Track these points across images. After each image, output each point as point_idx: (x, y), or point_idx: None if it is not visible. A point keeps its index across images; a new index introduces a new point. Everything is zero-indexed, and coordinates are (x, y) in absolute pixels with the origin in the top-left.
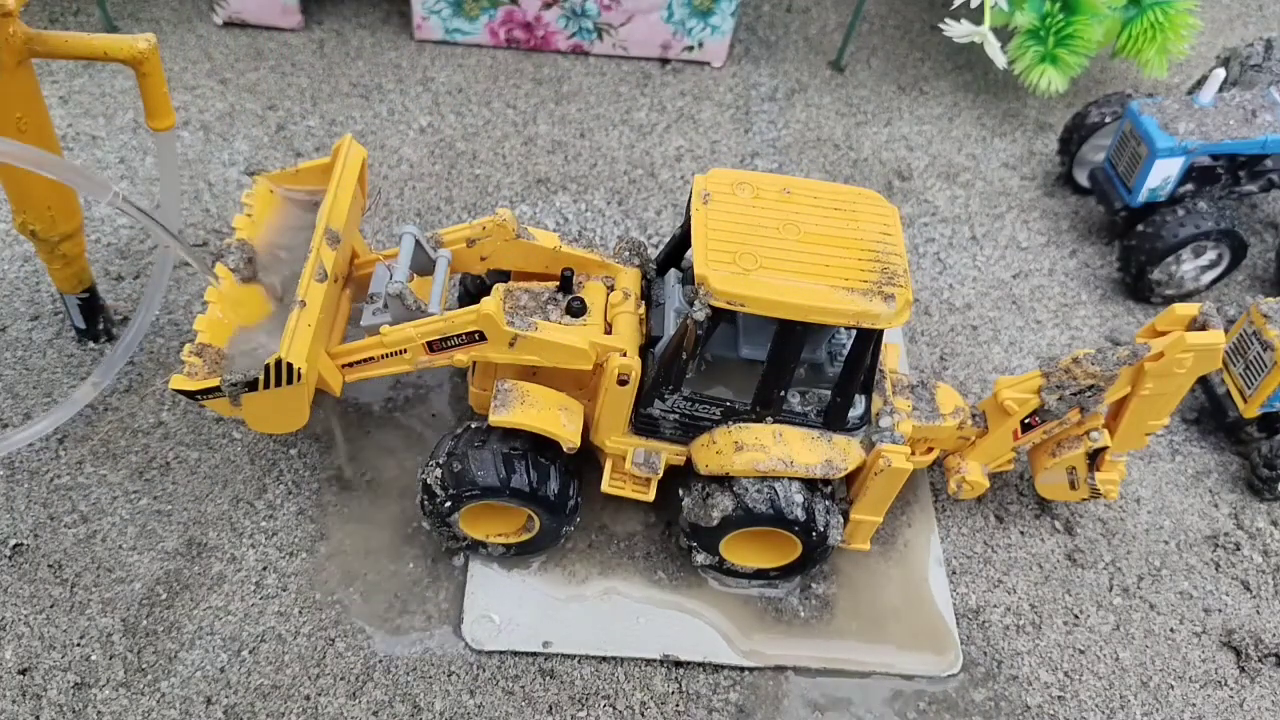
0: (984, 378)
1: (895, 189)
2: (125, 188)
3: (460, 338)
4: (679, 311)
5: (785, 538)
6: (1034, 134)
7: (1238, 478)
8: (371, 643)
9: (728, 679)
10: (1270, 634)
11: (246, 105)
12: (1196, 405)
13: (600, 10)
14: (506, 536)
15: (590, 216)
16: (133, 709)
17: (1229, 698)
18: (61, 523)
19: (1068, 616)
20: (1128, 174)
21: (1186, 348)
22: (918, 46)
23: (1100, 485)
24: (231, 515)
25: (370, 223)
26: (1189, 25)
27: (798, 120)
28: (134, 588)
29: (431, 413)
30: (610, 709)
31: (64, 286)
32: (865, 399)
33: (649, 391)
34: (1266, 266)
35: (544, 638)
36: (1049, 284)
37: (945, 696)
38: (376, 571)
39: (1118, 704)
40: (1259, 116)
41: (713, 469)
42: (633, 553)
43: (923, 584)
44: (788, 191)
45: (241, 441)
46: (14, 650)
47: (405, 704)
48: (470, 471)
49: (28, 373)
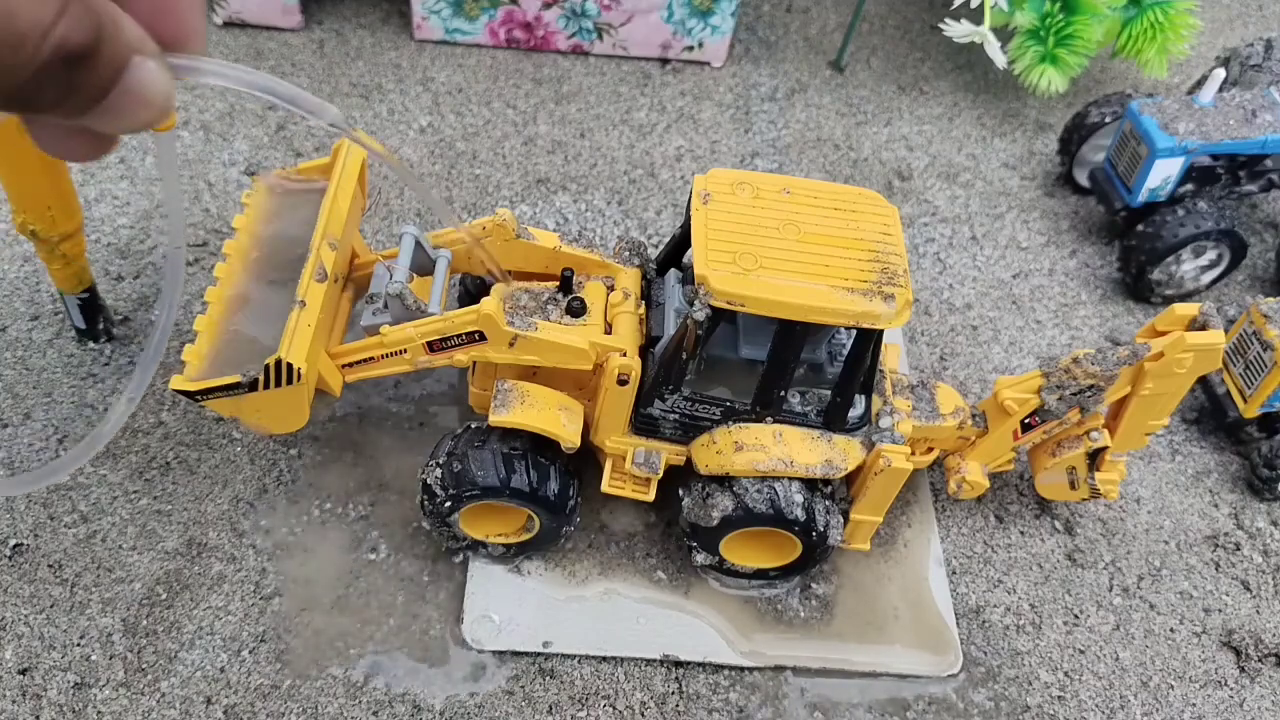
0: (984, 378)
1: (895, 189)
2: (125, 188)
3: (460, 338)
4: (679, 311)
5: (785, 538)
6: (1034, 134)
7: (1238, 478)
8: (372, 643)
9: (728, 679)
10: (1270, 634)
11: (246, 105)
12: (1196, 405)
13: (600, 10)
14: (506, 536)
15: (590, 216)
16: (133, 709)
17: (1229, 698)
18: (61, 522)
19: (1068, 616)
20: (1128, 174)
21: (1186, 348)
22: (918, 46)
23: (1100, 485)
24: (231, 515)
25: (370, 223)
26: (1189, 25)
27: (798, 120)
28: (134, 587)
29: (431, 412)
30: (610, 709)
31: (64, 286)
32: (865, 399)
33: (649, 391)
34: (1266, 266)
35: (544, 638)
36: (1049, 284)
37: (945, 697)
38: (376, 572)
39: (1118, 704)
40: (1259, 116)
41: (713, 469)
42: (633, 553)
43: (923, 584)
44: (787, 192)
45: (241, 441)
46: (14, 650)
47: (405, 704)
48: (470, 471)
49: (28, 373)
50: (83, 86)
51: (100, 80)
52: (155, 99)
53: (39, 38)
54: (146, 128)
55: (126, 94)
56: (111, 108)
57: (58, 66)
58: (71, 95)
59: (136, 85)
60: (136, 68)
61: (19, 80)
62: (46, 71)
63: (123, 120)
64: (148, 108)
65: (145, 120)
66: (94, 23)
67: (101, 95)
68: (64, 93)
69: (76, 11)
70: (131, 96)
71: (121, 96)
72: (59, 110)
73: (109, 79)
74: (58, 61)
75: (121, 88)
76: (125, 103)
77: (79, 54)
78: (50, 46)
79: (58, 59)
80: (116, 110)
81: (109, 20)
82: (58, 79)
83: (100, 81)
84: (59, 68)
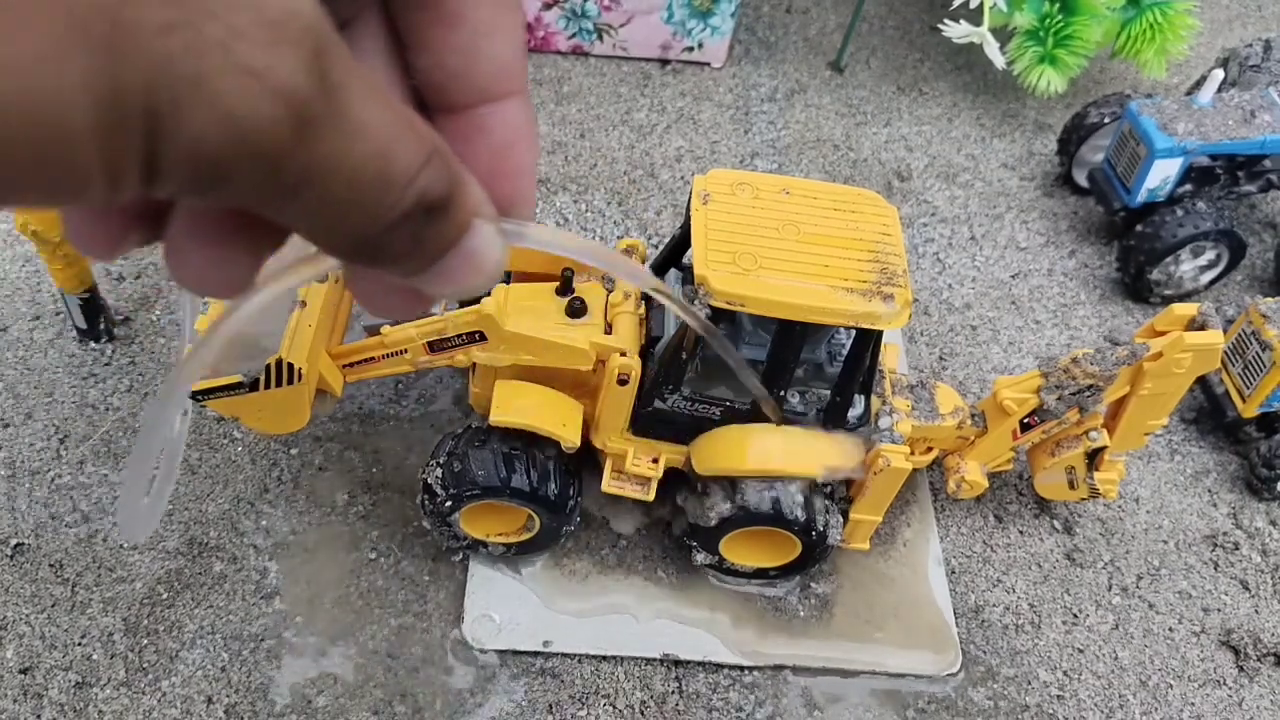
0: (983, 378)
1: (895, 189)
2: None
3: (460, 338)
4: None
5: (785, 537)
6: (1033, 134)
7: (1236, 477)
8: (372, 642)
9: (728, 679)
10: (1269, 633)
11: None
12: (1195, 405)
13: (600, 11)
14: (506, 536)
15: (590, 217)
16: (134, 708)
17: (1228, 697)
18: (63, 522)
19: (1067, 616)
20: (1126, 174)
21: (1185, 348)
22: (917, 47)
23: (1099, 485)
24: (232, 515)
25: None
26: (1188, 26)
27: (797, 121)
28: (135, 587)
29: (431, 412)
30: (610, 708)
31: (65, 286)
32: (865, 399)
33: (649, 391)
34: (1265, 266)
35: (544, 637)
36: (1048, 284)
37: (945, 696)
38: (376, 571)
39: (1117, 703)
40: (1258, 117)
41: (713, 469)
42: (633, 552)
43: (922, 584)
44: (787, 192)
45: (242, 441)
46: (15, 650)
47: (405, 704)
48: (470, 471)
49: (29, 373)
50: (428, 242)
51: (445, 239)
52: (487, 265)
53: (405, 184)
54: (472, 294)
55: (463, 256)
56: (445, 269)
57: (414, 218)
58: (415, 250)
59: (473, 249)
60: (476, 231)
61: (378, 226)
62: (403, 221)
63: (452, 283)
64: (478, 273)
65: (473, 286)
66: (451, 177)
67: (441, 254)
68: (409, 246)
69: (438, 164)
70: (466, 260)
71: (458, 258)
72: (397, 266)
73: (452, 238)
74: (417, 212)
75: (460, 249)
76: (459, 266)
77: (435, 206)
78: (414, 194)
79: (418, 209)
80: (449, 272)
81: (461, 178)
82: (409, 231)
83: (444, 241)
84: (415, 219)
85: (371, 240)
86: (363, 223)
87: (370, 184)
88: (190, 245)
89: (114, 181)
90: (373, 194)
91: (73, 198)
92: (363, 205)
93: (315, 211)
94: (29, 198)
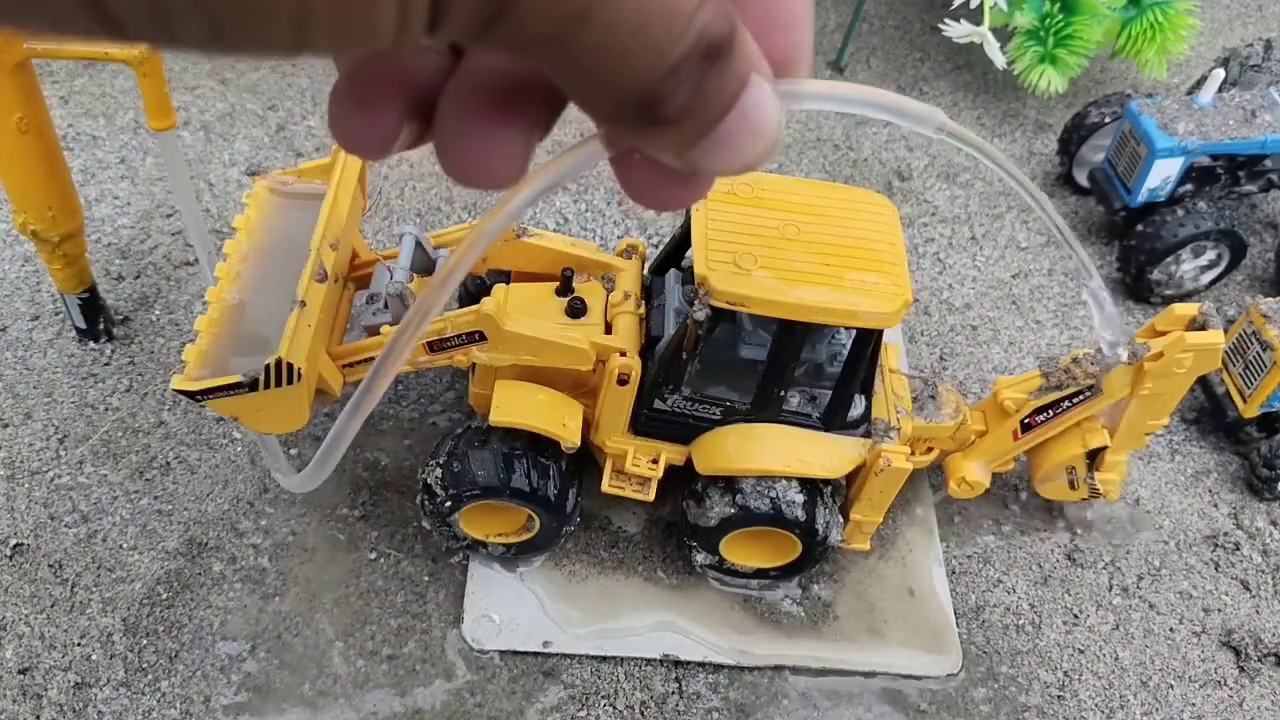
0: (984, 378)
1: (895, 189)
2: (126, 188)
3: (460, 338)
4: (679, 311)
5: (785, 537)
6: (1033, 134)
7: (1237, 477)
8: (371, 643)
9: (727, 679)
10: (1269, 634)
11: (247, 105)
12: (1196, 405)
13: None
14: (506, 536)
15: (590, 217)
16: (133, 708)
17: (1228, 697)
18: (62, 522)
19: (1067, 616)
20: (1127, 174)
21: (1186, 348)
22: (918, 46)
23: (1100, 485)
24: (232, 515)
25: (370, 223)
26: (1188, 25)
27: (797, 120)
28: (134, 587)
29: (431, 412)
30: (610, 709)
31: (65, 286)
32: (865, 399)
33: (649, 391)
34: (1266, 266)
35: (544, 638)
36: (1048, 284)
37: (945, 696)
38: (376, 572)
39: (1117, 703)
40: (1258, 117)
41: (713, 469)
42: (633, 552)
43: (923, 584)
44: (787, 192)
45: (242, 441)
46: (14, 650)
47: (405, 704)
48: (470, 471)
49: (28, 372)
50: (710, 95)
51: (726, 91)
52: (767, 129)
53: (687, 19)
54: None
55: (742, 118)
56: (723, 136)
57: (696, 58)
58: (696, 105)
59: (753, 109)
60: (755, 87)
61: (661, 68)
62: (685, 62)
63: (731, 153)
64: (758, 139)
65: (753, 157)
66: (730, 17)
67: (721, 114)
68: (690, 99)
69: (716, 2)
70: (746, 122)
71: (737, 121)
72: (677, 132)
73: (734, 91)
74: (698, 52)
75: (739, 109)
76: (738, 130)
77: (716, 48)
78: (696, 29)
79: (700, 46)
80: (727, 139)
81: (738, 23)
82: (691, 78)
83: (726, 94)
84: (697, 61)
85: (652, 90)
86: (647, 62)
87: (657, 10)
88: (462, 133)
89: (404, 20)
90: (661, 20)
91: (362, 39)
92: (649, 35)
93: (599, 50)
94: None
